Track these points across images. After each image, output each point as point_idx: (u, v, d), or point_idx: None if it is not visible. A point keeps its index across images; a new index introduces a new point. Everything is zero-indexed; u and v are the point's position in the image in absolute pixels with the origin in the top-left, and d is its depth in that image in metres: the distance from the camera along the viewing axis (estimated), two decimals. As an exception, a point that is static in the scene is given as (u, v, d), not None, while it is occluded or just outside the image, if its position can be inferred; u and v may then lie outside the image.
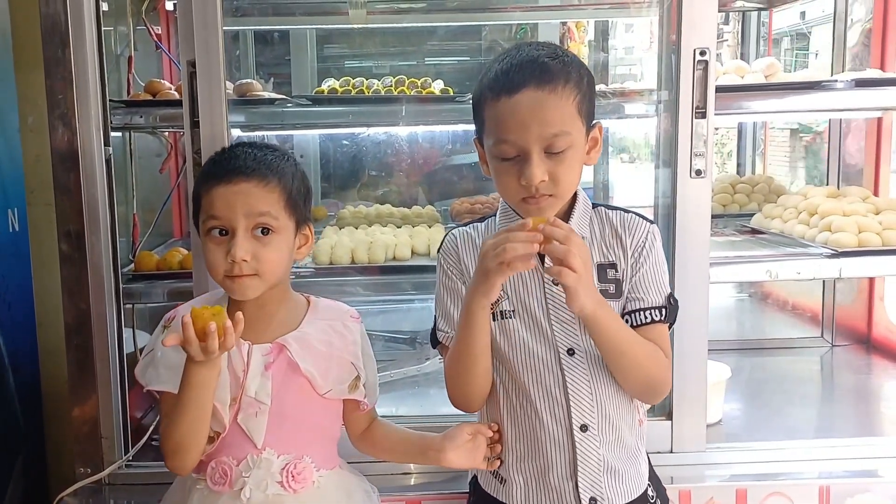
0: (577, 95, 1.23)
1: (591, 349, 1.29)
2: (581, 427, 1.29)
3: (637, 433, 1.35)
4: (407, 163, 3.13)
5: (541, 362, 1.30)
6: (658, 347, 1.29)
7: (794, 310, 2.77)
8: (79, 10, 1.61)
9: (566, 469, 1.30)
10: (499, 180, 1.27)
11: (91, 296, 1.66)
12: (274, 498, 1.28)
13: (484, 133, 1.28)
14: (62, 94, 1.61)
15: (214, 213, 1.26)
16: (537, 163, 1.20)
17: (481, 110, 1.27)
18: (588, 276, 1.16)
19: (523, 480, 1.33)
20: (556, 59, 1.23)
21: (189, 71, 1.62)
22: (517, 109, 1.20)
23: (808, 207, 2.15)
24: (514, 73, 1.22)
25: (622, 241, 1.32)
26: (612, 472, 1.30)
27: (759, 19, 3.06)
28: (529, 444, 1.32)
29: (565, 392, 1.29)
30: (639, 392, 1.32)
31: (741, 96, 1.93)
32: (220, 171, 1.29)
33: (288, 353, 1.30)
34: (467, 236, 1.38)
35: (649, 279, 1.31)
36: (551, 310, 1.30)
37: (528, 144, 1.20)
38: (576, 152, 1.24)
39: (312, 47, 3.26)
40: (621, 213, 1.35)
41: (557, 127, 1.20)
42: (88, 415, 1.69)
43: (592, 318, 1.19)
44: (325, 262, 2.04)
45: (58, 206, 1.65)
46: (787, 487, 1.65)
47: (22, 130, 2.35)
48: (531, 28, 3.37)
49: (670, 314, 1.32)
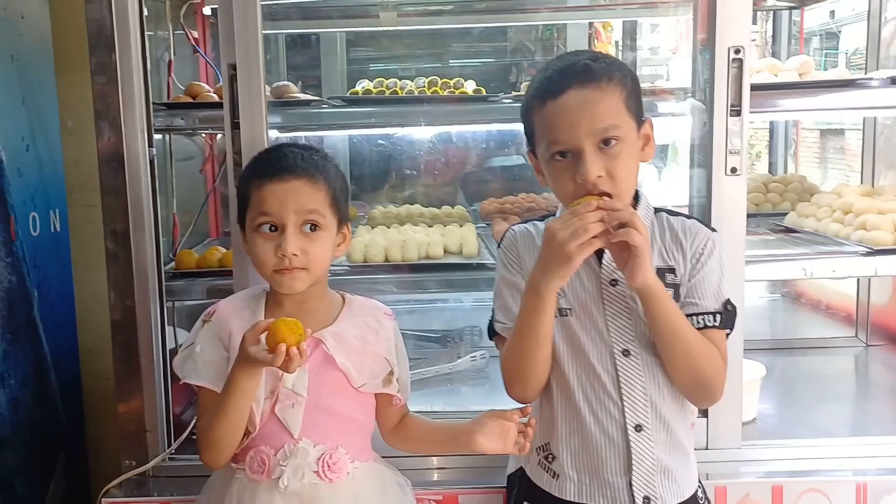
0: (623, 91, 1.24)
1: (646, 351, 1.31)
2: (636, 427, 1.30)
3: (688, 435, 1.36)
4: (436, 164, 3.15)
5: (596, 361, 1.31)
6: (714, 347, 1.29)
7: (828, 309, 2.75)
8: (124, 16, 1.65)
9: (620, 467, 1.31)
10: (556, 184, 1.28)
11: (136, 293, 1.70)
12: (310, 487, 1.30)
13: (535, 141, 1.30)
14: (109, 97, 1.65)
15: (265, 209, 1.30)
16: (592, 158, 1.22)
17: (530, 120, 1.30)
18: (648, 251, 1.19)
19: (577, 476, 1.34)
20: (596, 61, 1.26)
21: (230, 74, 1.65)
22: (564, 109, 1.22)
23: (842, 206, 2.14)
24: (557, 78, 1.24)
25: (682, 247, 1.33)
26: (665, 471, 1.31)
27: (790, 18, 3.04)
28: (583, 441, 1.33)
29: (619, 392, 1.30)
30: (689, 386, 1.31)
31: (776, 94, 1.93)
32: (271, 169, 1.32)
33: (324, 347, 1.33)
34: (527, 233, 1.40)
35: (706, 284, 1.31)
36: (608, 310, 1.31)
37: (580, 141, 1.22)
38: (629, 147, 1.25)
39: (342, 50, 3.30)
40: (683, 219, 1.36)
41: (606, 121, 1.22)
42: (133, 409, 1.73)
43: (651, 291, 1.21)
44: (359, 260, 2.06)
45: (104, 206, 1.69)
46: (823, 484, 1.65)
47: (62, 133, 2.41)
48: (558, 29, 3.39)
49: (727, 320, 1.32)
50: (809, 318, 2.82)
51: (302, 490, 1.30)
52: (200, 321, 1.39)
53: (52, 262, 2.34)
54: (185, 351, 1.38)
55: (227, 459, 1.32)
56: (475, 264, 2.06)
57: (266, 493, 1.30)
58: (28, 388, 2.18)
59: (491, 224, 2.42)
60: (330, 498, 1.31)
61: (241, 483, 1.33)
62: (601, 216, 1.17)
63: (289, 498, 1.30)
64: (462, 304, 2.70)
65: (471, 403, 1.46)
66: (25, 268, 2.18)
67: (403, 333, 1.48)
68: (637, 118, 1.28)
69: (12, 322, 2.11)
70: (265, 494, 1.30)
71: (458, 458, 1.75)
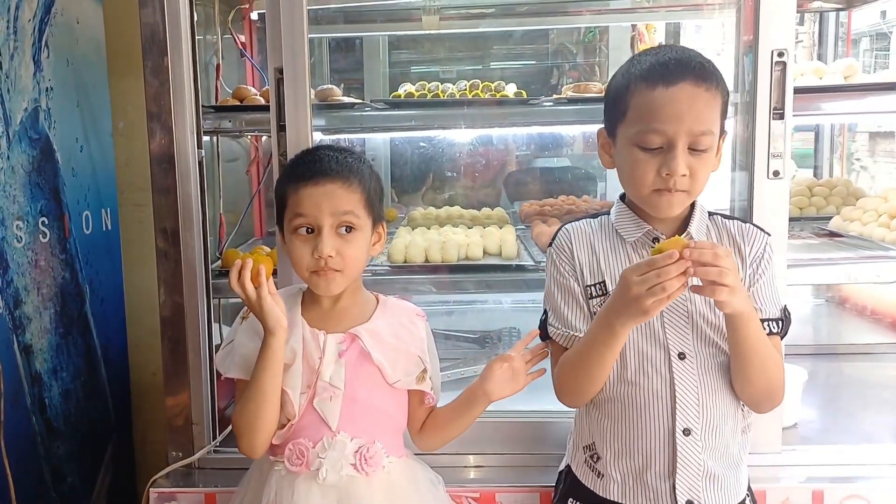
0: (723, 100, 1.25)
1: (701, 355, 1.30)
2: (684, 431, 1.29)
3: (741, 442, 1.35)
4: (476, 166, 3.17)
5: (650, 364, 1.30)
6: (780, 355, 1.29)
7: (873, 315, 2.70)
8: (176, 20, 1.70)
9: (664, 470, 1.30)
10: (633, 169, 1.26)
11: (185, 290, 1.75)
12: (348, 480, 1.33)
13: (624, 121, 1.27)
14: (161, 100, 1.70)
15: (302, 211, 1.33)
16: (682, 156, 1.21)
17: (626, 98, 1.26)
18: (739, 283, 1.15)
19: (621, 477, 1.34)
20: (708, 63, 1.25)
21: (276, 77, 1.69)
22: (675, 100, 1.21)
23: (888, 210, 2.11)
24: (674, 66, 1.23)
25: (741, 251, 1.32)
26: (711, 477, 1.30)
27: (838, 20, 2.99)
28: (629, 442, 1.32)
29: (672, 395, 1.29)
30: (757, 398, 1.30)
31: (819, 97, 1.92)
32: (307, 172, 1.34)
33: (360, 342, 1.36)
34: (581, 231, 1.38)
35: (767, 291, 1.31)
36: (665, 313, 1.30)
37: (678, 136, 1.21)
38: (712, 154, 1.25)
39: (385, 53, 3.34)
40: (739, 222, 1.35)
41: (706, 125, 1.22)
42: (181, 403, 1.78)
43: (740, 317, 1.19)
44: (399, 260, 2.09)
45: (155, 205, 1.74)
46: (865, 490, 1.63)
47: (113, 135, 2.48)
48: (600, 31, 3.38)
49: (785, 327, 1.31)
50: (854, 324, 2.77)
51: (339, 483, 1.33)
52: (239, 318, 1.43)
53: (104, 259, 2.41)
54: (225, 347, 1.42)
55: (262, 447, 1.35)
56: (514, 266, 2.08)
57: (304, 485, 1.33)
58: (79, 381, 2.26)
59: (530, 226, 2.43)
60: (366, 491, 1.33)
61: (280, 475, 1.36)
62: (683, 269, 1.11)
63: (326, 490, 1.32)
64: (501, 306, 2.71)
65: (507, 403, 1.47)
66: (78, 264, 2.26)
67: (442, 333, 1.50)
68: (722, 128, 1.28)
69: (65, 317, 2.19)
70: (303, 486, 1.33)
71: (495, 456, 1.77)
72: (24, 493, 1.98)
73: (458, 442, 1.50)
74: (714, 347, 1.30)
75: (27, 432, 2.02)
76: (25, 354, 2.01)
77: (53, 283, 2.14)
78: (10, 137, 1.95)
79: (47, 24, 2.10)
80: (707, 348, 1.30)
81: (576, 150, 3.33)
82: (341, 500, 1.32)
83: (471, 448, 1.76)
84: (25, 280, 2.01)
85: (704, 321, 1.30)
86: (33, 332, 2.04)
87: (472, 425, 1.47)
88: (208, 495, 1.72)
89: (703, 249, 1.12)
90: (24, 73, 2.01)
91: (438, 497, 1.46)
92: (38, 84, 2.07)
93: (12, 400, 1.95)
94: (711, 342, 1.30)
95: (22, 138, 2.00)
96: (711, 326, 1.30)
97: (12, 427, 1.93)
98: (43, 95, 2.09)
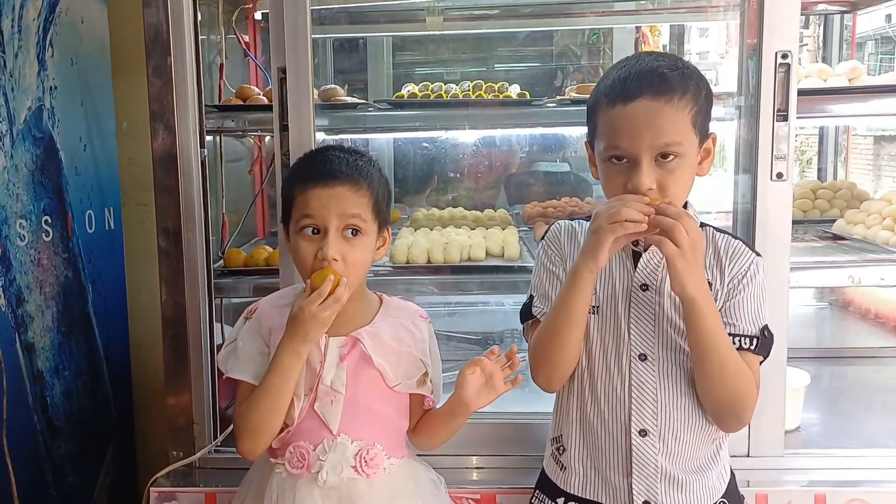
0: (693, 108, 1.23)
1: (664, 358, 1.30)
2: (640, 431, 1.30)
3: (712, 451, 1.34)
4: (479, 167, 3.16)
5: (613, 361, 1.32)
6: (749, 369, 1.27)
7: (877, 318, 2.69)
8: (179, 21, 1.70)
9: (622, 468, 1.31)
10: (607, 183, 1.29)
11: (186, 290, 1.75)
12: (348, 482, 1.33)
13: (596, 137, 1.30)
14: (164, 99, 1.70)
15: (309, 212, 1.32)
16: (646, 171, 1.22)
17: (595, 115, 1.29)
18: (694, 259, 1.18)
19: (583, 470, 1.35)
20: (675, 71, 1.24)
21: (279, 77, 1.69)
22: (632, 117, 1.22)
23: (892, 213, 2.10)
24: (632, 82, 1.23)
25: (721, 265, 1.31)
26: (671, 480, 1.30)
27: (842, 23, 2.99)
28: (591, 437, 1.34)
29: (629, 395, 1.30)
30: (719, 407, 1.29)
31: (823, 99, 1.91)
32: (315, 173, 1.34)
33: (362, 346, 1.36)
34: (570, 228, 1.41)
35: (744, 307, 1.29)
36: (632, 313, 1.31)
37: (639, 152, 1.22)
38: (685, 162, 1.24)
39: (389, 54, 3.34)
40: (729, 237, 1.35)
41: (669, 137, 1.21)
42: (182, 402, 1.78)
43: (692, 302, 1.20)
44: (401, 261, 2.09)
45: (157, 204, 1.74)
46: (867, 495, 1.62)
47: (117, 134, 2.48)
48: (604, 33, 3.38)
49: (762, 346, 1.30)
50: (857, 327, 2.76)
51: (340, 485, 1.32)
52: (242, 318, 1.42)
53: (106, 259, 2.41)
54: (228, 347, 1.41)
55: (263, 449, 1.35)
56: (517, 267, 2.07)
57: (305, 488, 1.33)
58: (81, 380, 2.26)
59: (533, 228, 2.42)
60: (367, 493, 1.33)
61: (281, 477, 1.35)
62: (647, 211, 1.17)
63: (327, 492, 1.32)
64: (503, 307, 2.70)
65: (509, 405, 1.47)
66: (81, 263, 2.26)
67: (444, 334, 1.49)
68: (702, 134, 1.27)
69: (67, 315, 2.19)
70: (305, 488, 1.32)
71: (495, 457, 1.77)
72: (25, 492, 1.98)
73: (459, 443, 1.50)
74: (680, 353, 1.30)
75: (29, 431, 2.02)
76: (27, 353, 2.01)
77: (56, 281, 2.14)
78: (14, 136, 1.96)
79: (52, 24, 2.11)
80: (671, 353, 1.30)
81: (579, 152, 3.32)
82: (342, 502, 1.32)
83: (472, 449, 1.76)
84: (28, 279, 2.01)
85: (671, 325, 1.30)
86: (35, 331, 2.05)
87: (472, 426, 1.46)
88: (209, 495, 1.72)
89: (671, 206, 1.18)
90: (29, 71, 2.02)
91: (440, 498, 1.45)
92: (43, 83, 2.07)
93: (14, 398, 1.95)
94: (677, 347, 1.30)
95: (26, 137, 2.01)
96: (678, 331, 1.30)
97: (14, 426, 1.94)
98: (47, 94, 2.09)
